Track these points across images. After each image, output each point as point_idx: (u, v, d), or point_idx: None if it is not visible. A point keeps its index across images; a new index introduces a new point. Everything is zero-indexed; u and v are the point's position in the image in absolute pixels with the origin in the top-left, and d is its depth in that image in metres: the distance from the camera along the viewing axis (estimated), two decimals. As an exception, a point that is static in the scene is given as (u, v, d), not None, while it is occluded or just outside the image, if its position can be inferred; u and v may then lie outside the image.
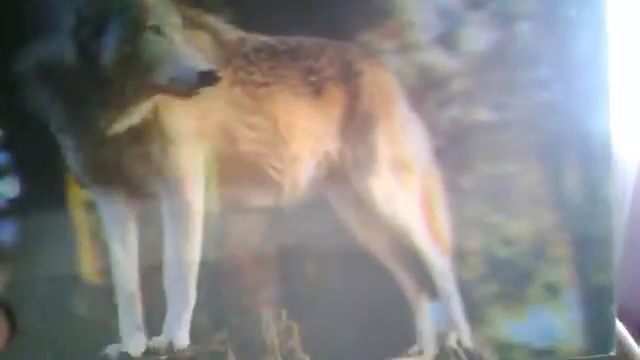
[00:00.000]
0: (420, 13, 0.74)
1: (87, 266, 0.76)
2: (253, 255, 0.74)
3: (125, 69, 0.70)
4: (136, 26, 0.70)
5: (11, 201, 0.75)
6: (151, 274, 0.75)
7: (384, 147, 0.73)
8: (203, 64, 0.70)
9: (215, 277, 0.75)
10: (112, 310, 0.75)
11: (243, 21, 0.73)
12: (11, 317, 0.74)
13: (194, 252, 0.73)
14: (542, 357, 0.74)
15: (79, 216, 0.75)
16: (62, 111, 0.72)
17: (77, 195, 0.75)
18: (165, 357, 0.74)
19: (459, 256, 0.74)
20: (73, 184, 0.75)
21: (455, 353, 0.74)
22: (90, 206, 0.75)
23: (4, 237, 0.75)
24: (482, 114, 0.72)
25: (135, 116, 0.71)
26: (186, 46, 0.70)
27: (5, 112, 0.74)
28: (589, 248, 0.72)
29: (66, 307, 0.75)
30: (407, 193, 0.74)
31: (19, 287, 0.76)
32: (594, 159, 0.71)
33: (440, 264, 0.74)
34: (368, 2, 0.74)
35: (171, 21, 0.70)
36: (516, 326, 0.74)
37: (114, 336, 0.75)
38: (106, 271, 0.76)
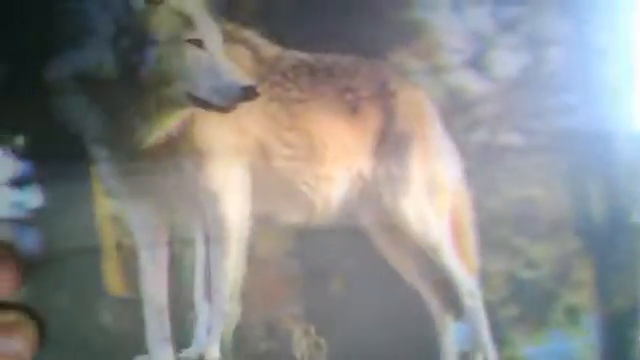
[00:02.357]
0: (451, 35, 0.76)
1: (113, 278, 0.76)
2: (281, 271, 0.76)
3: (165, 82, 0.71)
4: (178, 39, 0.71)
5: (34, 211, 0.76)
6: (180, 287, 0.76)
7: (418, 167, 0.75)
8: (244, 79, 0.71)
9: (243, 292, 0.76)
10: (139, 322, 0.76)
11: (279, 37, 0.75)
12: (42, 327, 0.75)
13: (230, 266, 0.74)
14: (561, 380, 0.75)
15: (105, 228, 0.76)
16: (98, 122, 0.73)
17: (104, 206, 0.76)
18: (196, 369, 0.75)
19: (483, 277, 0.76)
20: (100, 195, 0.76)
21: None
22: (116, 218, 0.76)
23: (28, 247, 0.76)
24: (510, 138, 0.74)
25: (172, 129, 0.72)
26: (227, 61, 0.72)
27: (31, 120, 0.75)
28: (612, 273, 0.74)
29: (92, 318, 0.76)
30: (438, 213, 0.76)
31: (44, 297, 0.77)
32: (620, 187, 0.73)
33: (468, 283, 0.76)
34: (401, 21, 0.76)
35: (213, 35, 0.72)
36: (536, 348, 0.76)
37: (141, 348, 0.76)
38: (132, 284, 0.77)
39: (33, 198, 0.75)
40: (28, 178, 0.76)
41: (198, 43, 0.72)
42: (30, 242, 0.76)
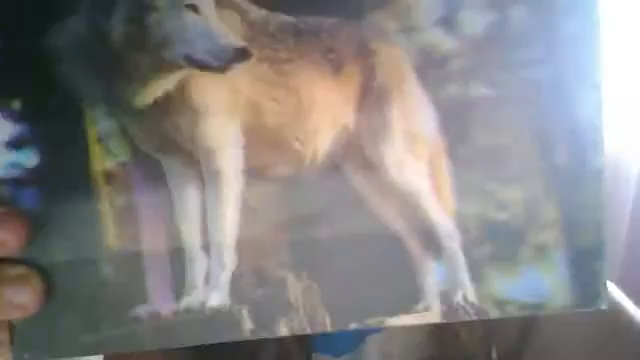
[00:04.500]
0: (423, -4, 0.81)
1: (110, 232, 0.80)
2: (270, 220, 0.80)
3: (164, 45, 0.76)
4: (177, 4, 0.76)
5: (31, 170, 0.79)
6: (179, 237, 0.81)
7: (397, 119, 0.80)
8: (237, 41, 0.76)
9: (237, 241, 0.81)
10: (139, 272, 0.80)
11: (264, 1, 0.79)
12: (46, 280, 0.79)
13: (226, 217, 0.79)
14: (534, 310, 0.81)
15: (102, 185, 0.80)
16: (97, 85, 0.78)
17: (100, 164, 0.80)
18: (198, 316, 0.80)
19: (458, 219, 0.81)
20: (96, 154, 0.79)
21: (463, 308, 0.81)
22: (112, 175, 0.80)
23: (28, 205, 0.79)
24: (480, 91, 0.80)
25: (169, 90, 0.77)
26: (220, 24, 0.77)
27: (27, 84, 0.78)
28: (577, 212, 0.80)
29: (92, 270, 0.80)
30: (417, 161, 0.81)
31: (45, 252, 0.80)
32: (583, 131, 0.79)
33: (446, 225, 0.81)
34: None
35: (206, 0, 0.77)
36: (509, 284, 0.82)
37: (142, 297, 0.80)
38: (130, 236, 0.81)
39: (30, 158, 0.79)
40: (25, 139, 0.79)
41: (194, 8, 0.77)
42: (29, 200, 0.79)
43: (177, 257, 0.81)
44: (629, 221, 2.79)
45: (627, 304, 1.14)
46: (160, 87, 0.78)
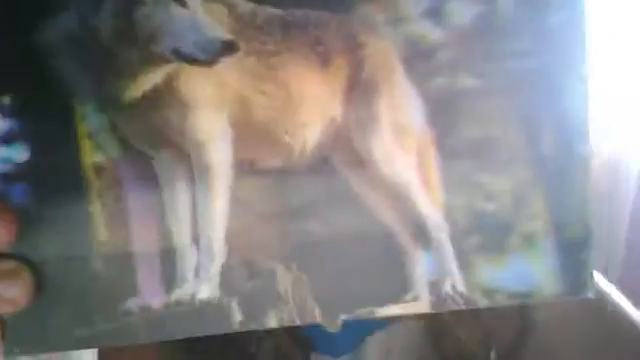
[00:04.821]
0: (411, -12, 0.81)
1: (100, 227, 0.81)
2: (261, 214, 0.81)
3: (153, 39, 0.77)
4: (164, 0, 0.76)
5: (21, 165, 0.79)
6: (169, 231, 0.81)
7: (385, 112, 0.81)
8: (224, 34, 0.77)
9: (227, 233, 0.81)
10: (129, 266, 0.81)
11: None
12: (38, 275, 0.80)
13: (216, 209, 0.80)
14: (523, 299, 0.82)
15: (92, 180, 0.80)
16: (86, 80, 0.78)
17: (90, 157, 0.80)
18: (188, 309, 0.80)
19: (446, 210, 0.82)
20: (86, 148, 0.80)
21: (452, 298, 0.81)
22: (102, 168, 0.80)
23: (18, 200, 0.80)
24: (467, 82, 0.80)
25: (158, 84, 0.77)
26: (208, 18, 0.77)
27: (17, 79, 0.79)
28: (564, 201, 0.80)
29: (83, 265, 0.81)
30: (406, 153, 0.82)
31: (36, 247, 0.80)
32: (569, 121, 0.80)
33: (434, 217, 0.82)
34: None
35: None
36: (498, 273, 0.82)
37: (133, 290, 0.81)
38: (120, 231, 0.81)
39: (20, 153, 0.79)
40: (15, 134, 0.79)
41: (181, 2, 0.77)
42: (20, 195, 0.80)
43: (168, 251, 0.82)
44: (629, 221, 2.81)
45: (627, 304, 1.15)
46: (149, 81, 0.78)
